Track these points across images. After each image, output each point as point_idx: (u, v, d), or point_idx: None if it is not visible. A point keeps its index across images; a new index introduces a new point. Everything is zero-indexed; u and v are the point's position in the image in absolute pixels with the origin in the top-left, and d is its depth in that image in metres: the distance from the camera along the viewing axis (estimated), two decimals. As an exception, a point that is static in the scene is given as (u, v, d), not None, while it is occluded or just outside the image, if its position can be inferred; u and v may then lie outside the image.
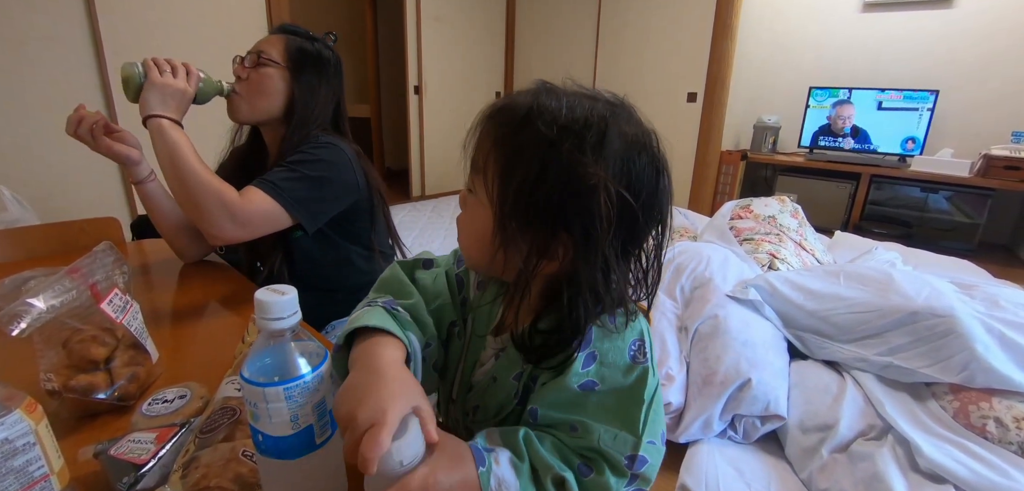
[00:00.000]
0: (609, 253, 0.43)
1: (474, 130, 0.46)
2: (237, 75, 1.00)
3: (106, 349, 0.66)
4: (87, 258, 0.70)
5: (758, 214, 2.01)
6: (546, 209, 0.42)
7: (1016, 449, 0.96)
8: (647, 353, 0.46)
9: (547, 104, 0.43)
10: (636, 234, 0.45)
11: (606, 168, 0.42)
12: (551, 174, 0.42)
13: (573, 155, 0.41)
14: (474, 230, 0.48)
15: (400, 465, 0.38)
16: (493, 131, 0.45)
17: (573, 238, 0.43)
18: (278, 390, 0.40)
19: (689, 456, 1.15)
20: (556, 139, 0.41)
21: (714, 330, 1.27)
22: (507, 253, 0.45)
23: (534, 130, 0.42)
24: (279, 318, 0.41)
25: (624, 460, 0.43)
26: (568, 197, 0.42)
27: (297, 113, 1.00)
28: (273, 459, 0.43)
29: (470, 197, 0.48)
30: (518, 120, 0.43)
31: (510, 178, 0.43)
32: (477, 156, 0.46)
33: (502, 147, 0.44)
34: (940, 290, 1.18)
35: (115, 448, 0.52)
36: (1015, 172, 2.99)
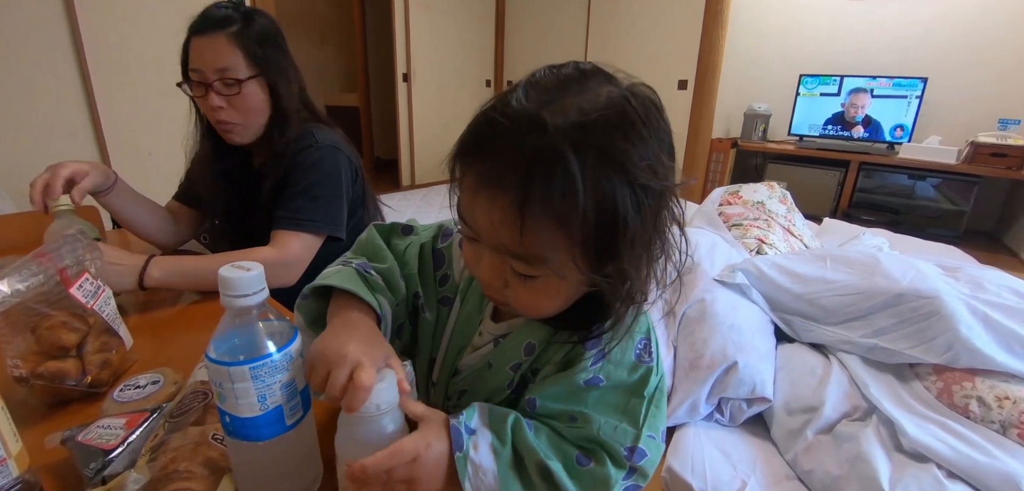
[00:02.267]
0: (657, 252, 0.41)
1: (513, 222, 0.35)
2: (217, 107, 0.90)
3: (77, 335, 0.64)
4: (55, 241, 0.68)
5: (747, 200, 2.01)
6: (648, 244, 0.39)
7: (998, 427, 0.97)
8: (652, 353, 0.46)
9: (602, 143, 0.35)
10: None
11: (668, 160, 0.39)
12: (635, 208, 0.36)
13: (659, 181, 0.37)
14: (560, 296, 0.42)
15: (377, 408, 0.39)
16: (555, 224, 0.36)
17: (660, 246, 0.41)
18: (243, 369, 0.39)
19: (676, 439, 1.15)
20: (642, 178, 0.35)
21: (701, 314, 1.27)
22: (571, 293, 0.42)
23: (608, 189, 0.35)
24: (245, 295, 0.40)
25: (624, 451, 0.43)
26: (651, 221, 0.38)
27: (281, 108, 0.96)
28: (242, 441, 0.42)
29: (528, 281, 0.40)
30: (580, 204, 0.34)
31: (607, 253, 0.37)
32: (529, 251, 0.37)
33: (578, 238, 0.36)
34: (925, 273, 1.18)
35: (83, 434, 0.51)
36: (1001, 159, 3.02)
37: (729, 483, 1.02)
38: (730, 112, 4.12)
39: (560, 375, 0.46)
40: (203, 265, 0.88)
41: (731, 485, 1.02)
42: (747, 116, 3.94)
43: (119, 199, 1.00)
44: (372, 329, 0.47)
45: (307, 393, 0.45)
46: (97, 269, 0.70)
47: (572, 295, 0.43)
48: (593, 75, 0.39)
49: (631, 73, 0.41)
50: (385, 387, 0.40)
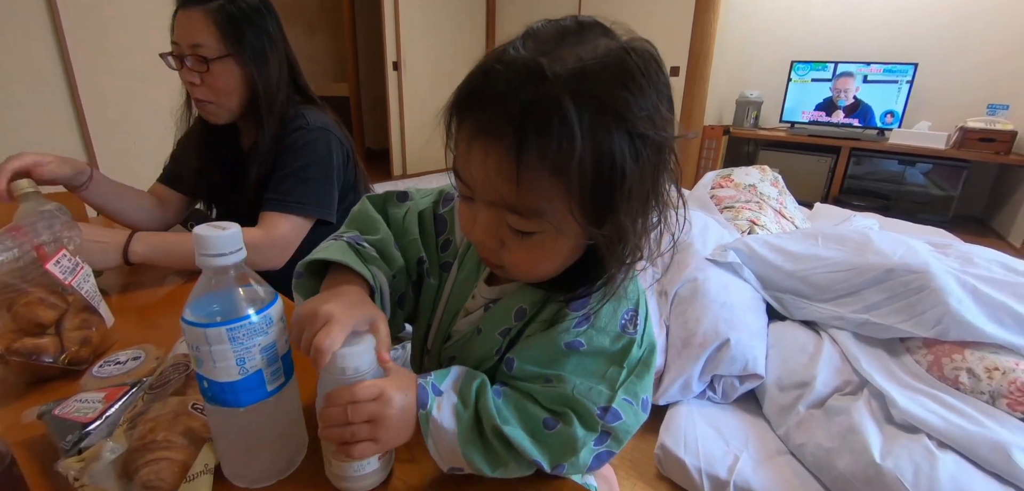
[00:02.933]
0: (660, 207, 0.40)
1: (509, 171, 0.35)
2: (190, 82, 0.89)
3: (55, 312, 0.62)
4: (31, 217, 0.66)
5: (739, 183, 2.01)
6: (646, 200, 0.38)
7: (987, 398, 0.98)
8: (638, 325, 0.45)
9: (595, 86, 0.34)
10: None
11: (667, 113, 0.37)
12: (635, 161, 0.35)
13: (657, 132, 0.36)
14: (554, 257, 0.41)
15: (343, 372, 0.39)
16: (551, 175, 0.35)
17: (656, 206, 0.40)
18: (220, 330, 0.38)
19: (668, 417, 1.16)
20: (640, 127, 0.35)
21: (693, 293, 1.27)
22: (570, 251, 0.42)
23: (606, 139, 0.34)
24: (221, 254, 0.38)
25: (597, 410, 0.42)
26: (651, 173, 0.37)
27: (261, 94, 0.92)
28: (221, 407, 0.41)
29: (525, 238, 0.39)
30: (577, 152, 0.33)
31: (605, 205, 0.36)
32: (528, 204, 0.36)
33: (577, 189, 0.35)
34: (915, 248, 1.19)
35: (60, 408, 0.49)
36: (990, 144, 3.04)
37: (722, 458, 1.03)
38: (722, 99, 4.12)
39: (541, 335, 0.45)
40: (189, 241, 0.86)
41: (724, 460, 1.02)
42: (739, 103, 3.94)
43: (97, 193, 0.97)
44: (360, 295, 0.46)
45: (290, 360, 0.44)
46: (76, 246, 0.68)
47: (569, 255, 0.42)
48: (591, 27, 0.39)
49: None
50: (359, 350, 0.39)
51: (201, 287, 0.40)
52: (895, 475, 0.86)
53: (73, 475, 0.40)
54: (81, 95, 2.24)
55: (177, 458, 0.42)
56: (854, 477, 0.90)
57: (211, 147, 1.00)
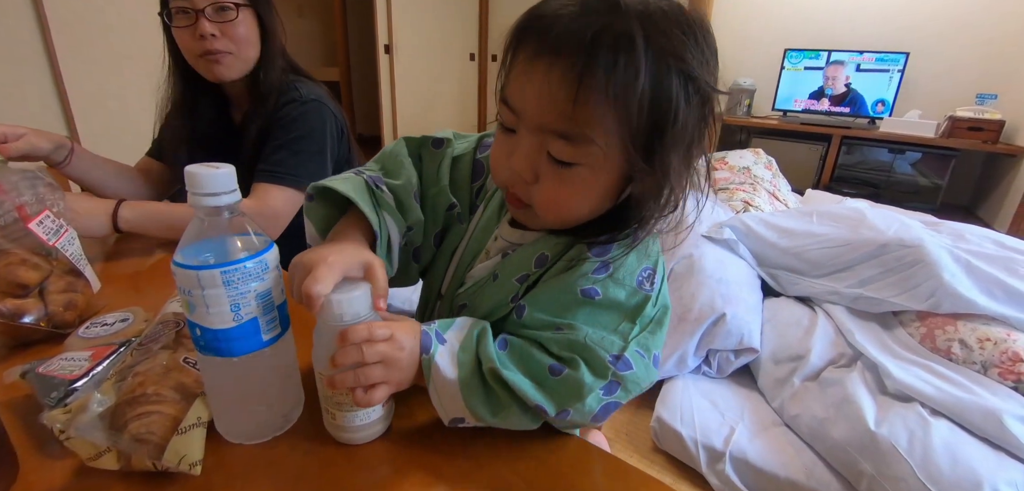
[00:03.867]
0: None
1: (568, 91, 0.35)
2: (209, 34, 0.85)
3: (38, 273, 0.60)
4: (12, 177, 0.64)
5: (733, 165, 2.02)
6: (678, 134, 0.37)
7: (979, 368, 0.99)
8: (655, 282, 0.44)
9: (659, 30, 0.35)
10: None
11: (717, 66, 0.39)
12: (685, 102, 0.36)
13: (707, 78, 0.37)
14: (588, 194, 0.41)
15: (340, 318, 0.38)
16: (607, 101, 0.35)
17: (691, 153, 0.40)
18: (214, 273, 0.36)
19: (664, 391, 1.16)
20: (695, 71, 0.36)
21: (689, 269, 1.27)
22: (619, 194, 0.42)
23: (665, 66, 0.35)
24: (214, 193, 0.37)
25: (609, 358, 0.40)
26: (701, 121, 0.39)
27: (268, 48, 0.92)
28: (214, 357, 0.39)
29: (568, 169, 0.39)
30: (639, 84, 0.34)
31: (652, 143, 0.37)
32: (577, 129, 0.37)
33: (627, 119, 0.36)
34: (909, 224, 1.20)
35: (44, 367, 0.48)
36: (978, 133, 3.07)
37: (717, 430, 1.03)
38: (715, 86, 4.12)
39: (557, 280, 0.44)
40: (179, 209, 0.84)
41: (719, 432, 1.03)
42: (732, 90, 3.95)
43: (80, 167, 0.94)
44: (356, 242, 0.45)
45: (286, 312, 0.43)
46: (59, 209, 0.66)
47: (601, 199, 0.41)
48: None
49: None
50: (357, 296, 0.39)
51: (193, 231, 0.38)
52: (890, 442, 0.87)
53: (59, 427, 0.39)
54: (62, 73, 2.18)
55: (168, 412, 0.41)
56: (849, 445, 0.91)
57: (197, 116, 0.97)
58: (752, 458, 0.99)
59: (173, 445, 0.38)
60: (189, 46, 0.87)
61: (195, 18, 0.84)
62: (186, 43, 0.88)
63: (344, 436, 0.42)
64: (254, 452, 0.42)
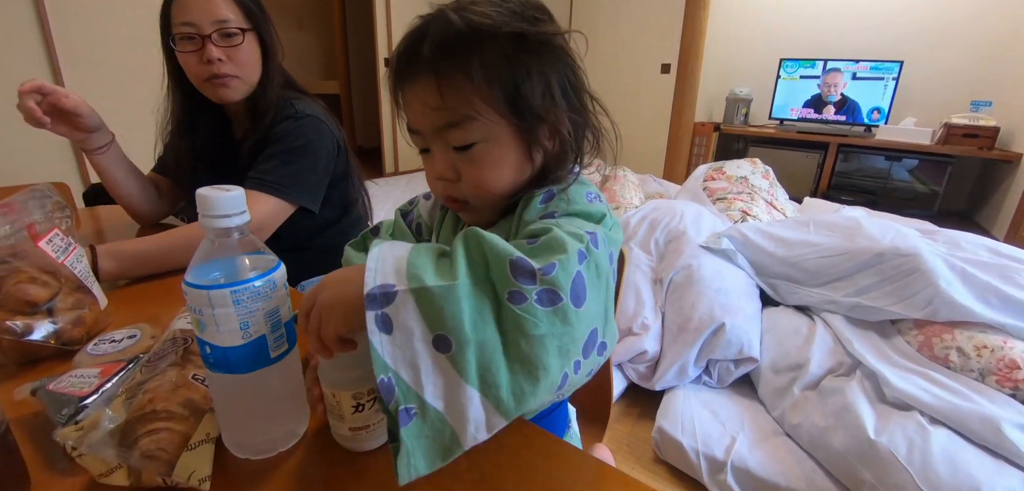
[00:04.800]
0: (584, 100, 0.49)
1: (434, 91, 0.44)
2: (215, 59, 0.87)
3: (47, 291, 0.61)
4: (21, 196, 0.65)
5: (730, 175, 2.03)
6: (540, 85, 0.45)
7: (977, 375, 0.99)
8: (603, 201, 0.48)
9: (474, 12, 0.43)
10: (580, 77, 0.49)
11: (553, 25, 0.46)
12: (526, 54, 0.44)
13: (537, 28, 0.44)
14: (503, 164, 0.47)
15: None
16: (463, 76, 0.43)
17: (568, 102, 0.47)
18: (224, 293, 0.37)
19: (665, 402, 1.16)
20: (518, 26, 0.43)
21: (688, 279, 1.28)
22: (534, 155, 0.48)
23: (489, 33, 0.43)
24: (225, 215, 0.38)
25: (586, 232, 0.39)
26: (555, 65, 0.46)
27: (269, 68, 0.94)
28: (223, 374, 0.40)
29: (473, 151, 0.46)
30: (467, 43, 0.43)
31: (516, 95, 0.44)
32: (457, 112, 0.44)
33: (485, 82, 0.43)
34: (905, 233, 1.21)
35: (54, 384, 0.48)
36: (973, 140, 3.10)
37: (718, 440, 1.03)
38: (712, 96, 4.16)
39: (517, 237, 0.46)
40: (163, 241, 0.82)
41: (721, 442, 1.03)
42: (729, 100, 3.98)
43: (114, 161, 0.97)
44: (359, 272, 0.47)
45: (292, 328, 0.44)
46: (68, 228, 0.67)
47: (516, 165, 0.47)
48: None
49: (614, 57, 0.45)
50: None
51: (204, 251, 0.39)
52: (889, 450, 0.88)
53: (71, 443, 0.40)
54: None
55: (177, 428, 0.41)
56: (849, 453, 0.92)
57: (201, 138, 0.98)
58: (753, 468, 0.99)
59: (183, 461, 0.39)
60: (195, 70, 0.89)
61: (201, 43, 0.86)
62: (192, 67, 0.89)
63: (352, 444, 0.43)
64: (261, 466, 0.43)
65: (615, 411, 1.32)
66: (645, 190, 2.48)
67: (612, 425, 1.27)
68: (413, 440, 0.32)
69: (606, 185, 2.33)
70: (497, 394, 0.33)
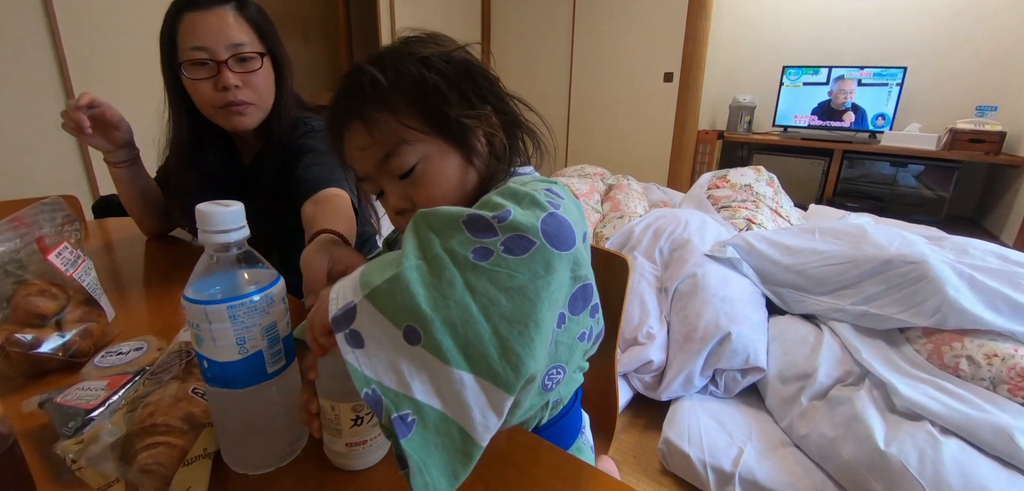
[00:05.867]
0: (505, 100, 0.52)
1: (363, 133, 0.48)
2: (226, 85, 0.82)
3: (56, 304, 0.62)
4: (32, 209, 0.66)
5: (735, 183, 2.03)
6: (454, 93, 0.48)
7: (988, 384, 0.98)
8: (561, 193, 0.40)
9: (382, 58, 0.49)
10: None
11: (447, 42, 0.51)
12: (438, 71, 0.48)
13: (441, 48, 0.49)
14: (446, 178, 0.49)
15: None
16: (382, 109, 0.48)
17: (488, 104, 0.51)
18: (221, 308, 0.37)
19: (671, 412, 1.15)
20: (422, 51, 0.49)
21: (693, 288, 1.28)
22: (473, 161, 0.50)
23: (401, 65, 0.48)
24: (224, 230, 0.38)
25: (542, 190, 0.38)
26: (459, 75, 0.49)
27: (282, 93, 0.90)
28: (221, 389, 0.40)
29: (416, 174, 0.49)
30: (387, 84, 0.47)
31: (424, 103, 0.48)
32: (388, 142, 0.48)
33: (392, 103, 0.48)
34: (911, 240, 1.20)
35: (62, 396, 0.49)
36: (979, 145, 3.08)
37: (726, 451, 1.02)
38: (715, 104, 4.15)
39: None
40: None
41: (728, 453, 1.02)
42: (732, 108, 3.98)
43: (134, 173, 0.95)
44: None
45: (290, 343, 0.44)
46: (77, 240, 0.68)
47: (457, 176, 0.50)
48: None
49: (617, 66, 0.45)
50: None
51: (203, 266, 0.40)
52: (900, 461, 0.86)
53: (71, 457, 0.40)
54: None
55: (176, 443, 0.41)
56: (859, 464, 0.90)
57: (207, 165, 0.93)
58: (761, 479, 0.98)
59: (179, 477, 0.39)
60: (209, 98, 0.84)
61: (216, 69, 0.81)
62: (206, 95, 0.84)
63: (342, 461, 0.43)
64: (258, 481, 0.42)
65: (621, 422, 1.31)
66: (649, 199, 2.48)
67: (618, 436, 1.26)
68: (420, 451, 0.30)
69: (610, 194, 2.33)
70: (489, 366, 0.30)
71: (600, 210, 2.17)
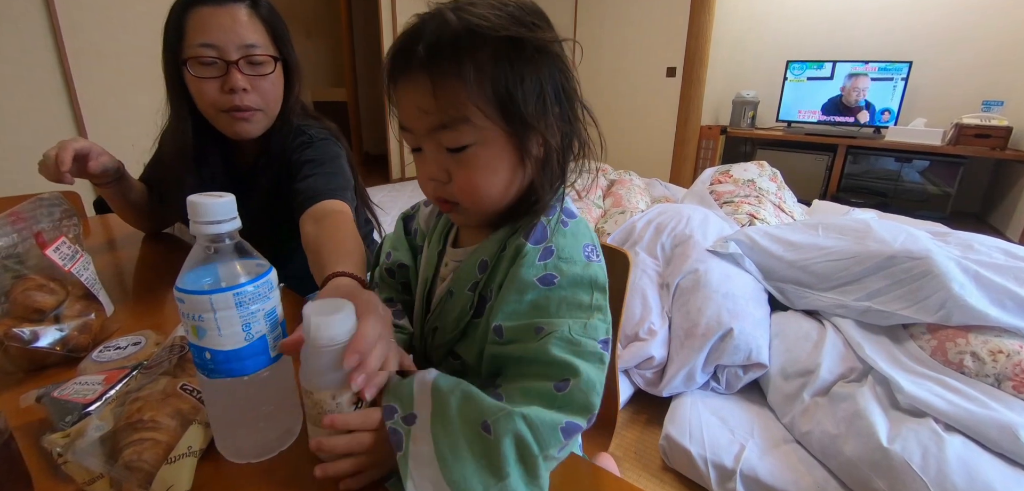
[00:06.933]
0: (576, 112, 0.47)
1: (426, 90, 0.42)
2: (234, 88, 0.78)
3: (54, 298, 0.62)
4: (30, 204, 0.66)
5: (737, 178, 2.02)
6: (543, 95, 0.44)
7: (993, 381, 0.97)
8: (600, 255, 0.48)
9: (482, 14, 0.42)
10: (573, 87, 0.47)
11: (550, 31, 0.45)
12: (520, 60, 0.42)
13: (533, 33, 0.43)
14: (494, 170, 0.45)
15: (330, 340, 0.39)
16: (456, 77, 0.42)
17: (561, 111, 0.46)
18: (227, 296, 0.38)
19: (673, 408, 1.15)
20: (514, 31, 0.42)
21: (695, 284, 1.27)
22: (525, 164, 0.46)
23: (485, 37, 0.42)
24: (216, 221, 0.38)
25: (599, 344, 0.42)
26: (551, 72, 0.44)
27: (290, 101, 0.87)
28: (224, 379, 0.40)
29: (466, 154, 0.45)
30: (464, 48, 0.42)
31: (507, 97, 0.43)
32: (450, 113, 0.43)
33: (479, 85, 0.42)
34: (916, 235, 1.19)
35: (59, 390, 0.49)
36: (985, 140, 3.05)
37: (727, 447, 1.02)
38: (718, 99, 4.13)
39: (511, 283, 0.45)
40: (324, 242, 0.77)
41: (730, 449, 1.02)
42: (735, 103, 3.96)
43: (123, 188, 0.91)
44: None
45: (286, 329, 0.44)
46: (75, 236, 0.68)
47: (508, 175, 0.46)
48: None
49: (620, 61, 0.43)
50: (334, 321, 0.39)
51: (196, 258, 0.39)
52: (903, 458, 0.86)
53: (58, 451, 0.40)
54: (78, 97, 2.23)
55: (162, 439, 0.41)
56: (861, 461, 0.90)
57: (205, 169, 0.89)
58: (763, 476, 0.98)
59: (161, 475, 0.38)
60: (212, 98, 0.78)
61: (225, 70, 0.76)
62: (209, 96, 0.78)
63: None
64: (243, 478, 0.42)
65: (622, 418, 1.30)
66: (651, 194, 2.47)
67: (619, 432, 1.26)
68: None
69: (612, 189, 2.32)
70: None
71: (602, 205, 2.16)
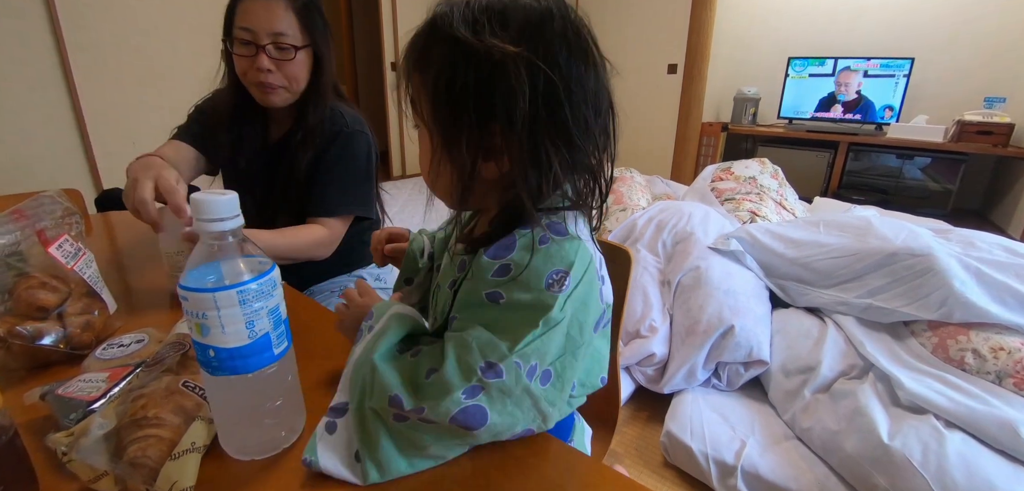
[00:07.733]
0: (541, 136, 0.41)
1: (401, 77, 0.47)
2: (264, 69, 0.90)
3: (57, 296, 0.62)
4: (32, 202, 0.66)
5: (739, 175, 2.01)
6: (465, 99, 0.41)
7: (993, 378, 0.97)
8: (566, 285, 0.40)
9: (446, 10, 0.43)
10: (562, 112, 0.41)
11: (509, 41, 0.39)
12: (461, 63, 0.41)
13: (477, 38, 0.40)
14: (425, 159, 0.48)
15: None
16: (411, 59, 0.46)
17: (504, 128, 0.41)
18: (231, 293, 0.38)
19: (674, 405, 1.15)
20: (459, 31, 0.41)
21: (696, 281, 1.27)
22: (453, 166, 0.44)
23: (439, 34, 0.42)
24: (220, 219, 0.38)
25: (481, 363, 0.39)
26: (482, 80, 0.40)
27: (321, 82, 0.97)
28: (228, 376, 0.40)
29: (421, 133, 0.48)
30: (425, 37, 0.44)
31: (434, 88, 0.43)
32: (411, 93, 0.47)
33: (420, 67, 0.45)
34: (917, 232, 1.19)
35: (63, 388, 0.49)
36: (987, 137, 3.04)
37: (728, 444, 1.02)
38: (720, 96, 4.13)
39: (466, 285, 0.46)
40: (293, 240, 0.92)
41: (730, 446, 1.02)
42: (737, 100, 3.95)
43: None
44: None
45: (288, 325, 0.44)
46: (78, 234, 0.68)
47: (444, 172, 0.45)
48: None
49: (621, 58, 0.43)
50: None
51: (199, 255, 0.39)
52: (904, 455, 0.86)
53: (62, 449, 0.40)
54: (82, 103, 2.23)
55: (165, 436, 0.41)
56: (862, 458, 0.90)
57: (242, 131, 1.02)
58: (764, 472, 0.98)
59: (165, 471, 0.38)
60: (246, 72, 0.93)
61: (256, 51, 0.89)
62: (243, 68, 0.93)
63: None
64: (247, 473, 0.42)
65: (623, 414, 1.31)
66: (652, 191, 2.46)
67: (620, 429, 1.26)
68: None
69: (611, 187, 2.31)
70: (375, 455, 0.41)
71: (603, 203, 2.15)
